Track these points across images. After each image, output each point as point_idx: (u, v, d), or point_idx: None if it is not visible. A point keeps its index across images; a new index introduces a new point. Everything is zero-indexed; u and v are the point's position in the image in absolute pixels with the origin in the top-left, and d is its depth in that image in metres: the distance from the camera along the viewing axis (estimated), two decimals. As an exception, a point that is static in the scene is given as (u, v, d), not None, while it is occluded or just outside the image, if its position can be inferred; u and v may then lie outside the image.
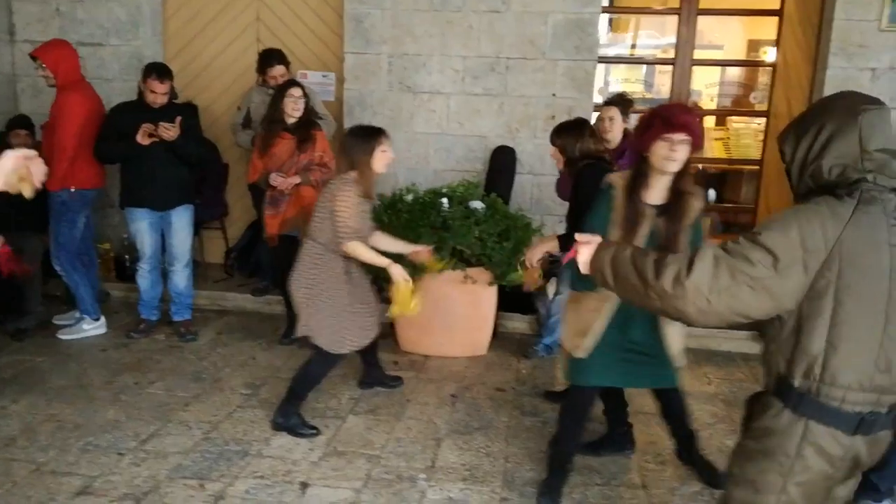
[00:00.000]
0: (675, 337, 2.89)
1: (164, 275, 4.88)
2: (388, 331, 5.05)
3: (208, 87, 6.02)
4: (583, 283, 2.71)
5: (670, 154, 2.58)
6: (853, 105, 1.74)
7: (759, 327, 1.82)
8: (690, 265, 1.68)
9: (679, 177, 2.71)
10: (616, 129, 4.15)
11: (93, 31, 5.89)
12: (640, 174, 2.70)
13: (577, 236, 1.99)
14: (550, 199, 5.21)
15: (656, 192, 2.74)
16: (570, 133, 3.52)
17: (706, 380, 4.52)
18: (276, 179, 4.42)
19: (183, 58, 6.00)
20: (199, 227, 5.43)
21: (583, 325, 2.85)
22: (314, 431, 3.63)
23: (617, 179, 2.80)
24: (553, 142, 3.59)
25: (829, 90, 5.14)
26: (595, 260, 1.91)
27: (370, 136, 3.57)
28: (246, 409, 3.88)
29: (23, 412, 3.72)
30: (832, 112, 1.75)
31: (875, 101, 1.76)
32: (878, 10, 5.00)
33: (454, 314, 4.63)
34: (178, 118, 4.43)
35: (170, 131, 4.37)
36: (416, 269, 3.99)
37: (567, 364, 3.04)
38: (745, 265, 1.66)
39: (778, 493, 1.78)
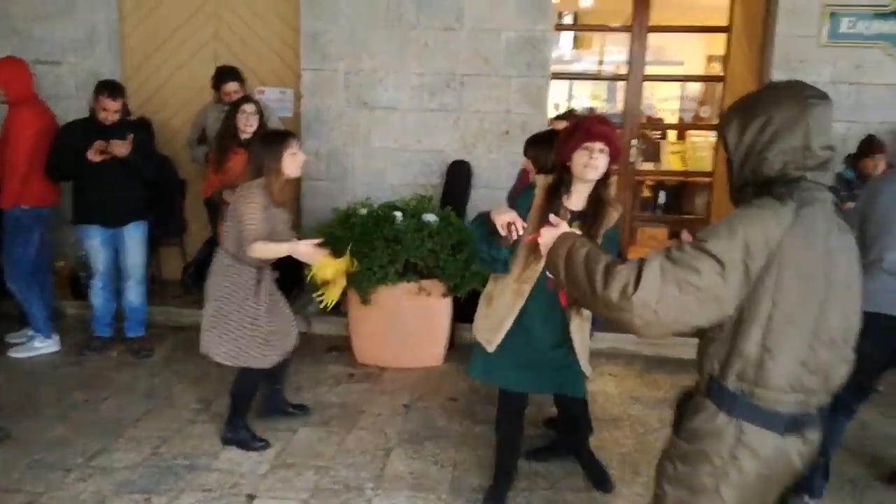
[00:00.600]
0: (581, 346, 2.97)
1: (119, 292, 4.87)
2: (345, 344, 5.09)
3: (166, 104, 6.04)
4: (498, 263, 2.79)
5: (590, 162, 2.70)
6: (802, 98, 1.71)
7: (698, 331, 1.80)
8: (638, 278, 1.64)
9: (599, 185, 2.84)
10: None
11: (50, 49, 5.88)
12: (562, 181, 2.81)
13: (551, 218, 1.99)
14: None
15: (576, 199, 2.84)
16: (542, 145, 3.60)
17: (656, 385, 4.60)
18: (229, 196, 4.44)
19: (140, 75, 6.02)
20: (156, 243, 5.42)
21: (496, 321, 2.93)
22: (263, 444, 3.64)
23: (541, 181, 2.89)
24: (526, 153, 3.70)
25: (773, 103, 5.28)
26: (553, 248, 1.88)
27: (277, 140, 3.49)
28: (197, 424, 3.88)
29: (-31, 430, 3.69)
30: (780, 103, 1.72)
31: (822, 95, 1.74)
32: (818, 26, 5.18)
33: (409, 326, 4.67)
34: (130, 135, 4.44)
35: (121, 148, 4.38)
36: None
37: (474, 359, 3.10)
38: (692, 276, 1.63)
39: (711, 494, 1.77)
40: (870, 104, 5.19)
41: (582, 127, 2.75)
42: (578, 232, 1.97)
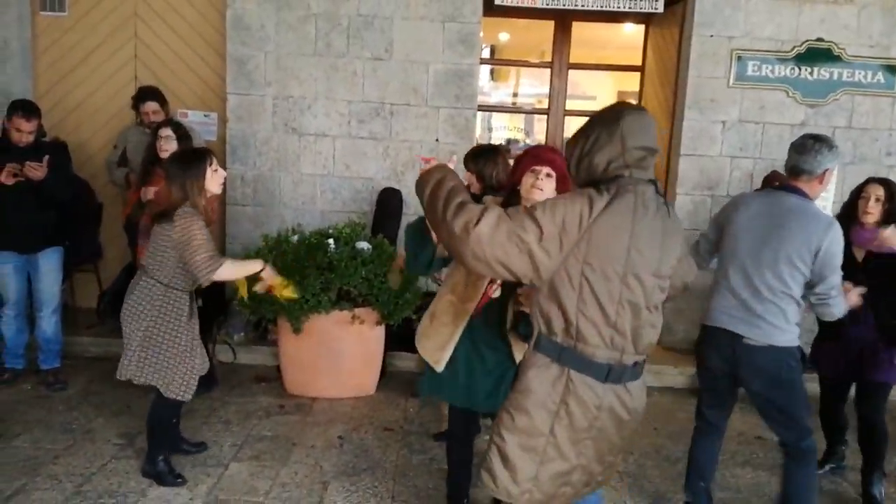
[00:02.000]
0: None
1: (32, 321, 4.61)
2: (273, 374, 4.99)
3: (82, 125, 5.81)
4: (420, 263, 2.83)
5: (536, 183, 2.80)
6: (616, 112, 2.13)
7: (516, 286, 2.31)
8: (479, 218, 1.98)
9: None
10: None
11: (-46, 65, 5.58)
12: (510, 203, 2.86)
13: (423, 156, 2.28)
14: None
15: None
16: (484, 158, 3.60)
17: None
18: (147, 192, 4.28)
19: (54, 95, 5.78)
20: (70, 269, 5.17)
21: (441, 339, 2.97)
22: (180, 481, 3.49)
23: (490, 202, 2.92)
24: (468, 167, 3.65)
25: (685, 140, 5.61)
26: (429, 172, 2.19)
27: (197, 159, 3.37)
28: (121, 460, 3.71)
29: None
30: (601, 119, 2.14)
31: (634, 108, 2.17)
32: (726, 68, 5.54)
33: (342, 355, 4.64)
34: (46, 157, 4.25)
35: (37, 171, 4.18)
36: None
37: (424, 376, 3.10)
38: (519, 229, 1.99)
39: (547, 435, 2.10)
40: (773, 142, 5.57)
41: (530, 153, 2.89)
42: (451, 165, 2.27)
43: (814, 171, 3.04)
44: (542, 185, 2.81)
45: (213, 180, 3.38)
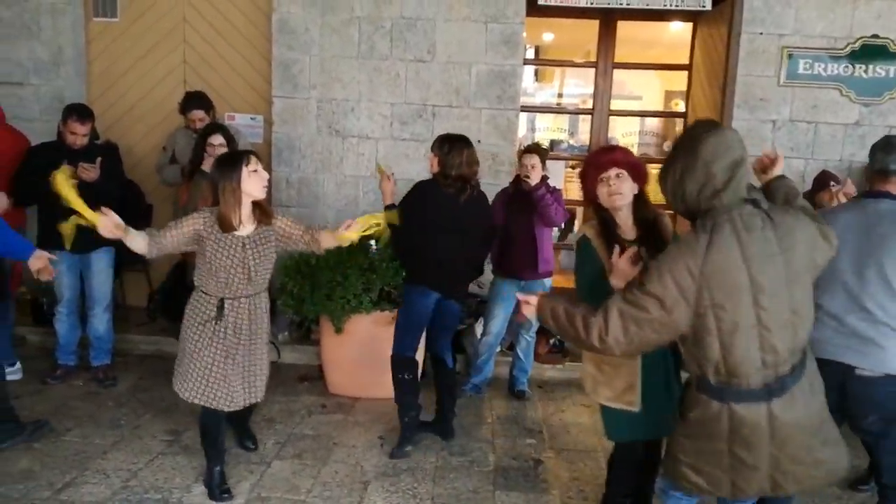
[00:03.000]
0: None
1: (84, 319, 4.75)
2: (316, 373, 5.04)
3: (132, 129, 5.96)
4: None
5: (611, 189, 2.72)
6: (693, 138, 2.16)
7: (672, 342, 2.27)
8: (606, 323, 2.13)
9: (639, 206, 2.79)
10: (536, 173, 4.40)
11: (11, 70, 5.78)
12: (604, 219, 2.80)
13: (519, 296, 2.46)
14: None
15: (626, 228, 2.79)
16: (453, 148, 3.84)
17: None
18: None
19: (106, 99, 5.94)
20: (121, 269, 5.31)
21: (626, 379, 2.72)
22: (226, 497, 3.40)
23: (588, 231, 2.82)
24: (434, 150, 3.90)
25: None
26: (540, 315, 2.36)
27: (234, 160, 3.22)
28: (167, 456, 3.79)
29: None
30: (682, 148, 2.19)
31: (711, 128, 2.18)
32: (777, 67, 5.40)
33: (383, 355, 4.62)
34: (99, 159, 4.37)
35: (90, 172, 4.30)
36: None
37: (617, 425, 2.86)
38: (643, 314, 2.11)
39: (724, 454, 2.20)
40: (826, 142, 5.42)
41: (590, 163, 2.80)
42: (538, 297, 2.42)
43: None
44: (618, 189, 2.73)
45: (251, 182, 3.18)
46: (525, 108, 6.96)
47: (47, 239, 4.51)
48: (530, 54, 9.34)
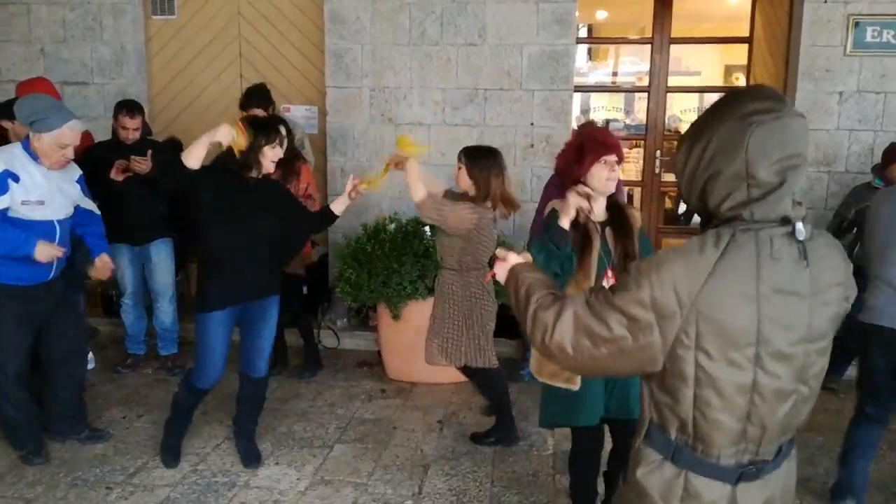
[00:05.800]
0: None
1: (149, 309, 4.91)
2: (375, 359, 5.11)
3: (193, 123, 6.10)
4: (560, 258, 2.70)
5: (610, 174, 2.70)
6: (743, 116, 1.43)
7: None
8: (554, 325, 1.54)
9: (613, 192, 2.83)
10: None
11: (77, 70, 5.99)
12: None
13: (498, 252, 1.84)
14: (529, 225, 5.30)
15: (598, 211, 2.75)
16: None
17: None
18: None
19: (167, 94, 6.11)
20: (184, 260, 5.47)
21: None
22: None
23: (558, 205, 2.77)
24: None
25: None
26: (509, 276, 1.77)
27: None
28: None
29: (9, 449, 3.70)
30: (720, 127, 1.46)
31: (771, 109, 1.42)
32: (843, 36, 5.18)
33: (439, 341, 4.67)
34: (150, 151, 4.48)
35: (142, 164, 4.41)
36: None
37: (551, 409, 2.88)
38: (601, 329, 1.49)
39: None
40: (896, 113, 5.18)
41: (595, 140, 2.72)
42: (520, 259, 1.81)
43: None
44: (616, 175, 2.74)
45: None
46: (579, 88, 6.86)
47: (109, 233, 4.66)
48: (583, 33, 9.20)
